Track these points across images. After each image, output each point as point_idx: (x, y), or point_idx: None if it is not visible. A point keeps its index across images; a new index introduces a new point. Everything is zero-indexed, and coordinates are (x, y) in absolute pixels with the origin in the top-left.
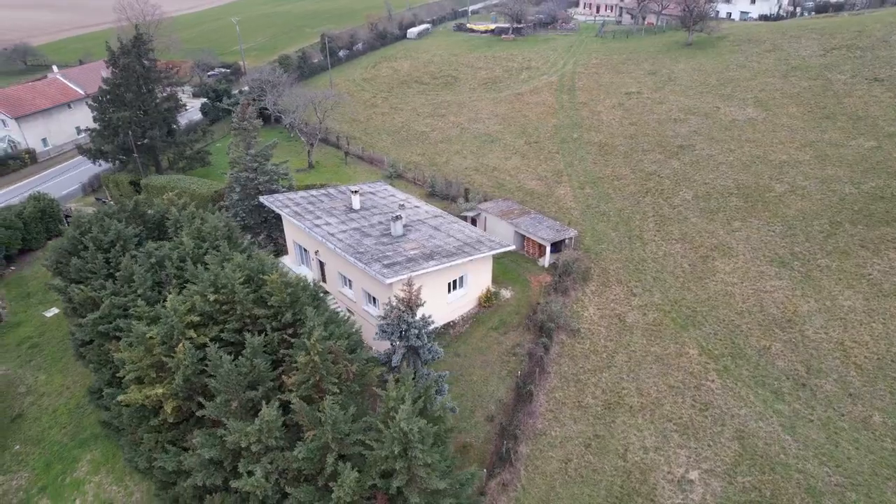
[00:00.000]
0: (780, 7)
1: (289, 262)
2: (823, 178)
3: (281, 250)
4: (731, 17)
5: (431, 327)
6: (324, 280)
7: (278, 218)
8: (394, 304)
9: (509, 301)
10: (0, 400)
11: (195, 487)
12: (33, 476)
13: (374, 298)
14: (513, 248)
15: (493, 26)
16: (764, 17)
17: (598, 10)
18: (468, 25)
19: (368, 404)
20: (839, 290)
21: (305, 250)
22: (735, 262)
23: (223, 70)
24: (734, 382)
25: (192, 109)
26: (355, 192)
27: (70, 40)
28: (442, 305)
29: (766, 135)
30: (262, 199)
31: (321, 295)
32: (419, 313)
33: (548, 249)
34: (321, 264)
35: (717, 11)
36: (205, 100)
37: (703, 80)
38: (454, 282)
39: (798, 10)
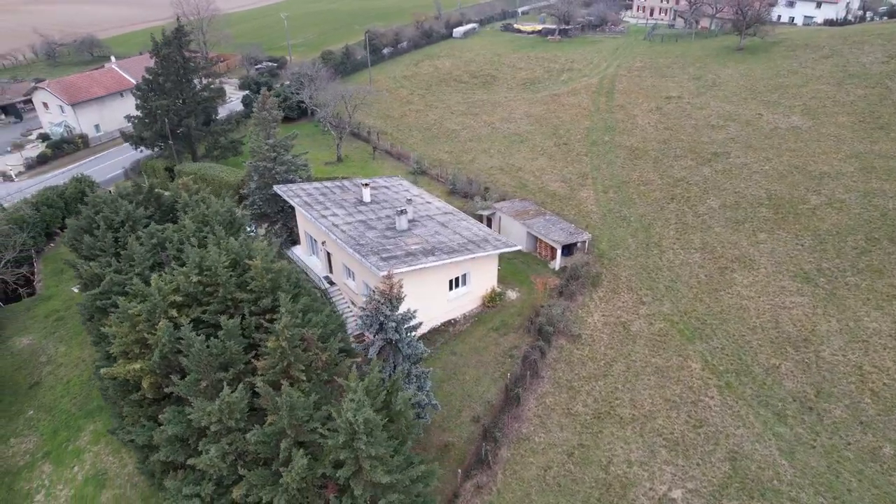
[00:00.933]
0: (848, 12)
1: (300, 251)
2: (866, 191)
3: (296, 239)
4: (794, 21)
5: (414, 322)
6: (331, 271)
7: (294, 208)
8: (374, 296)
9: (514, 302)
10: (23, 367)
11: (163, 462)
12: (40, 441)
13: (373, 290)
14: (519, 248)
15: (539, 27)
16: (830, 22)
17: (651, 14)
18: (515, 26)
19: (336, 394)
20: (866, 310)
21: (315, 241)
22: (755, 275)
23: (270, 64)
24: (735, 400)
25: (234, 101)
26: (366, 184)
27: (134, 34)
28: (442, 302)
29: (809, 144)
30: (276, 188)
31: (302, 282)
32: (403, 307)
33: (558, 252)
34: (328, 255)
35: (780, 16)
36: (247, 92)
37: (750, 85)
38: (456, 279)
39: (868, 14)
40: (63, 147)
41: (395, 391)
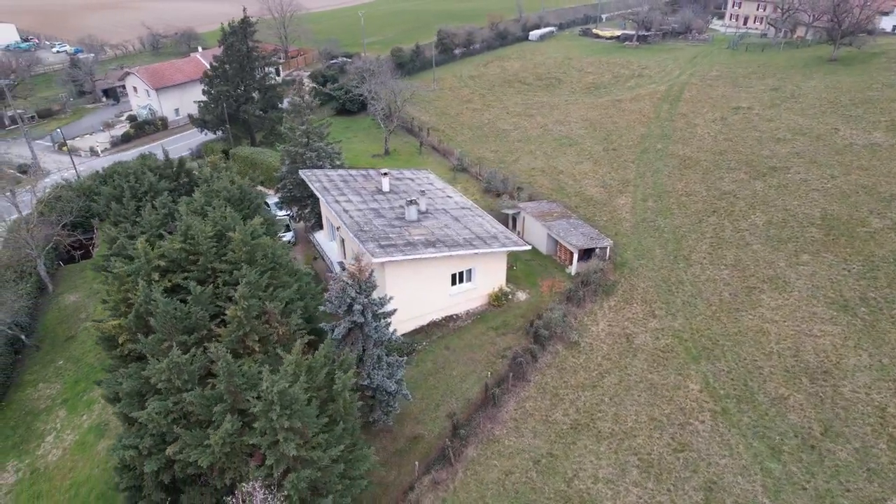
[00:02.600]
0: None
1: (322, 236)
2: None
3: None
4: None
5: (387, 308)
6: (344, 256)
7: None
8: (342, 276)
9: (521, 304)
10: (64, 322)
11: (124, 416)
12: (63, 389)
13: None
14: (530, 247)
15: (618, 33)
16: None
17: (744, 23)
18: (594, 31)
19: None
20: None
21: (333, 226)
22: (786, 297)
23: (345, 59)
24: (728, 428)
25: None
26: (385, 174)
27: None
28: (442, 297)
29: (885, 163)
30: (301, 172)
31: (280, 258)
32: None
33: (575, 256)
34: (342, 241)
35: (895, 26)
36: (314, 85)
37: (833, 98)
38: (459, 274)
39: None
40: (145, 128)
41: (337, 370)
